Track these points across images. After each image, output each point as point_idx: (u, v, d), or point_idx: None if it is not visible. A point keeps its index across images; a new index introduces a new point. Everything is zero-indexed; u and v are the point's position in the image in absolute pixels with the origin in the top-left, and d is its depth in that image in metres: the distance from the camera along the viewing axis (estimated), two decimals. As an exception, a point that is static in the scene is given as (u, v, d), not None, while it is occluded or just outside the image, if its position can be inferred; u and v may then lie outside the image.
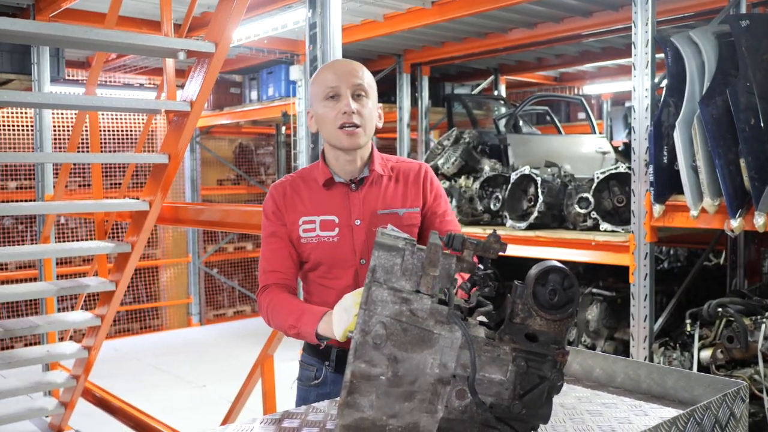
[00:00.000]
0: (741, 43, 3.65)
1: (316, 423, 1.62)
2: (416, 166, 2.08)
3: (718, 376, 1.72)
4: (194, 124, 3.30)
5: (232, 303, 9.44)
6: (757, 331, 3.80)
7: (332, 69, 1.97)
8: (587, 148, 6.58)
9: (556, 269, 1.42)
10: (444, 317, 1.35)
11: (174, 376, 6.42)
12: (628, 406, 1.75)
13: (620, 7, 5.39)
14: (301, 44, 6.45)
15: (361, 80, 1.95)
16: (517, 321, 1.41)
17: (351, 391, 1.31)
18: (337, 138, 1.94)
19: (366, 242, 1.97)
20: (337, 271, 1.98)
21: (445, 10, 5.23)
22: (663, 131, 3.86)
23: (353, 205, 1.99)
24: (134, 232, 3.74)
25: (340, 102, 1.92)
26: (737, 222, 3.55)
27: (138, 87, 8.01)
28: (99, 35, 2.79)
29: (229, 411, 3.81)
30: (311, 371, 2.07)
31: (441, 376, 1.33)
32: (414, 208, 2.01)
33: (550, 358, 1.38)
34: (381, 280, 1.35)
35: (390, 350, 1.31)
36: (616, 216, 4.54)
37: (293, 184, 2.05)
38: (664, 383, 1.82)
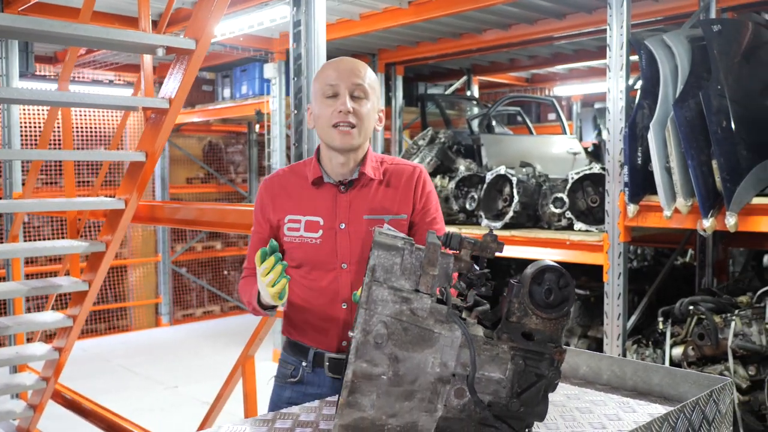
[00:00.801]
0: (713, 47, 3.72)
1: (308, 423, 1.62)
2: (410, 169, 2.04)
3: (702, 373, 1.75)
4: (173, 122, 3.26)
5: (200, 303, 9.35)
6: (727, 329, 3.89)
7: (334, 67, 1.95)
8: (558, 149, 6.66)
9: (551, 268, 1.43)
10: (443, 316, 1.36)
11: (145, 377, 6.34)
12: (616, 403, 1.77)
13: (594, 10, 5.46)
14: (275, 42, 6.41)
15: (362, 80, 1.93)
16: (513, 320, 1.42)
17: (352, 390, 1.31)
18: (331, 137, 1.92)
19: (349, 246, 1.95)
20: (318, 273, 1.96)
21: (422, 10, 5.25)
22: (637, 133, 3.92)
23: (340, 207, 1.96)
24: (109, 231, 3.68)
25: (338, 101, 1.91)
26: (709, 222, 3.63)
27: (107, 83, 7.89)
28: (78, 30, 2.74)
29: (208, 413, 3.77)
30: (288, 369, 2.07)
31: (441, 375, 1.34)
32: (401, 215, 1.98)
33: (547, 357, 1.39)
34: (381, 279, 1.35)
35: (391, 350, 1.31)
36: (590, 216, 4.60)
37: (283, 179, 2.05)
38: (650, 380, 1.85)
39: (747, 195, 3.57)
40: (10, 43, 4.80)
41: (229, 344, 7.53)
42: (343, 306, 1.96)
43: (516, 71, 8.39)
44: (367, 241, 1.94)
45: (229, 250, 9.64)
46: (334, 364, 1.98)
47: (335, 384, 1.99)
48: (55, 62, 7.24)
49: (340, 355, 1.98)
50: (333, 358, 1.98)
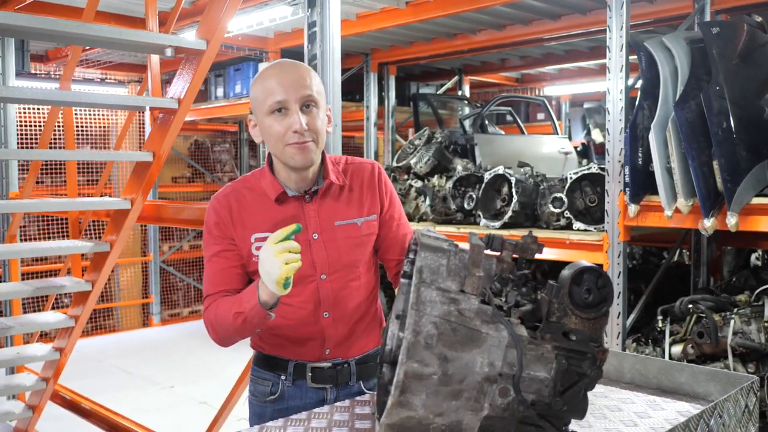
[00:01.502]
0: (712, 49, 3.78)
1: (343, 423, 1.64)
2: (368, 167, 1.96)
3: (728, 371, 1.79)
4: (181, 122, 3.26)
5: (187, 303, 9.31)
6: (726, 327, 3.95)
7: (277, 78, 1.77)
8: (550, 149, 6.72)
9: (590, 269, 1.46)
10: (489, 317, 1.38)
11: (140, 377, 6.31)
12: (643, 401, 1.81)
13: (588, 11, 5.51)
14: (270, 41, 6.41)
15: (310, 90, 1.78)
16: (553, 320, 1.45)
17: (403, 390, 1.32)
18: (288, 155, 1.79)
19: (326, 256, 1.87)
20: (297, 287, 1.82)
21: (419, 11, 5.27)
22: (638, 133, 3.97)
23: (309, 218, 1.87)
24: (113, 231, 3.66)
25: (289, 117, 1.76)
26: (710, 222, 3.69)
27: (99, 82, 7.83)
28: (91, 30, 2.73)
29: (216, 417, 3.73)
30: (266, 386, 1.97)
31: (488, 375, 1.36)
32: (371, 215, 1.92)
33: (589, 356, 1.42)
34: (428, 280, 1.37)
35: (440, 350, 1.33)
36: (588, 215, 4.65)
37: (238, 196, 1.89)
38: (675, 378, 1.89)
39: (747, 195, 3.63)
40: (7, 41, 4.75)
41: (223, 344, 7.51)
42: (325, 315, 1.90)
43: (507, 71, 8.45)
44: (343, 246, 1.89)
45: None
46: (317, 373, 1.92)
47: (319, 394, 1.94)
48: (46, 60, 7.18)
49: (323, 363, 1.93)
50: (316, 367, 1.92)
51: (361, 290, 1.94)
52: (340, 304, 1.91)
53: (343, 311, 1.91)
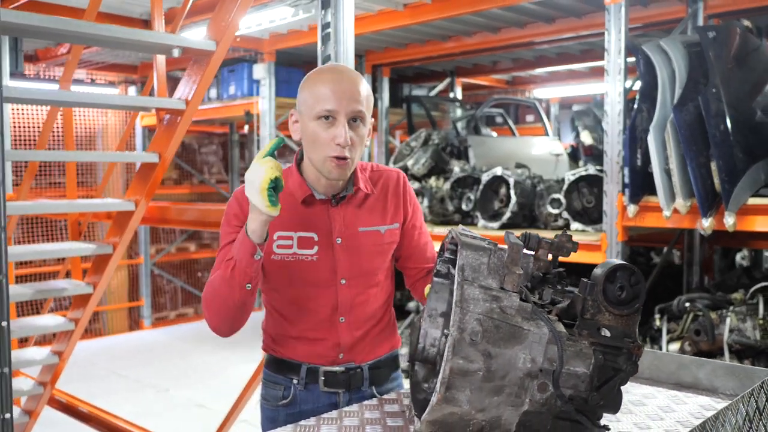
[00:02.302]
0: (709, 53, 3.85)
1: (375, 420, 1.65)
2: (394, 176, 1.97)
3: (748, 366, 1.84)
4: (188, 123, 3.26)
5: (174, 305, 9.27)
6: (723, 325, 4.03)
7: (331, 87, 1.75)
8: (541, 150, 6.79)
9: (623, 267, 1.50)
10: (528, 314, 1.41)
11: (134, 380, 6.27)
12: (665, 396, 1.85)
13: (583, 15, 5.57)
14: (265, 43, 6.40)
15: (361, 105, 1.76)
16: (587, 317, 1.48)
17: (449, 386, 1.35)
18: (326, 167, 1.77)
19: (348, 261, 1.86)
20: (315, 290, 1.85)
21: (417, 13, 5.30)
22: (637, 135, 4.03)
23: (334, 222, 1.86)
24: (116, 233, 3.65)
25: (335, 127, 1.74)
26: (708, 222, 3.75)
27: (89, 83, 7.78)
28: (101, 30, 2.73)
29: (224, 422, 3.72)
30: (278, 390, 1.95)
31: (530, 371, 1.39)
32: (395, 224, 1.93)
33: (625, 351, 1.45)
34: (470, 278, 1.40)
35: (484, 346, 1.36)
36: (585, 216, 4.71)
37: None
38: (694, 373, 1.93)
39: (744, 195, 3.70)
40: (2, 40, 4.71)
41: (217, 347, 7.48)
42: (341, 320, 1.89)
43: (498, 73, 8.51)
44: (365, 253, 1.89)
45: (203, 252, 9.58)
46: (329, 377, 1.91)
47: (331, 398, 1.93)
48: (36, 60, 7.12)
49: (336, 367, 1.92)
50: (328, 371, 1.91)
51: (378, 297, 1.95)
52: (356, 309, 1.91)
53: (358, 317, 1.91)
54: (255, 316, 1.86)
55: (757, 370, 1.81)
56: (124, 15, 5.55)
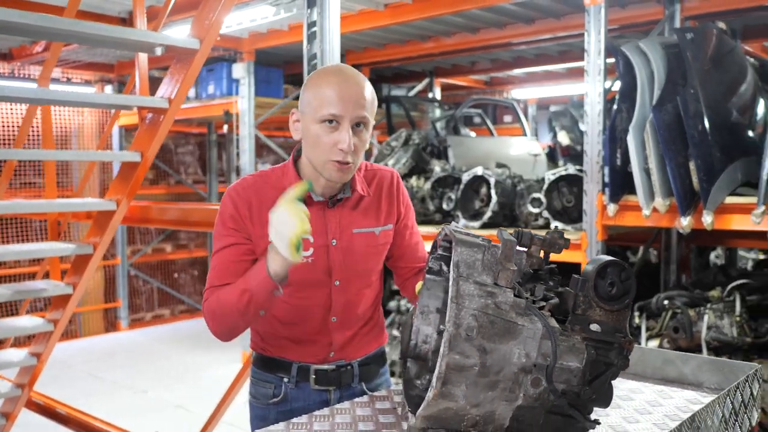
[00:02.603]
0: (687, 54, 3.91)
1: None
2: (388, 176, 1.97)
3: (732, 361, 1.87)
4: (171, 122, 3.24)
5: (150, 307, 9.18)
6: (701, 322, 4.09)
7: (337, 90, 1.72)
8: (520, 150, 6.83)
9: (614, 263, 1.52)
10: (522, 309, 1.43)
11: (111, 382, 6.20)
12: (651, 391, 1.88)
13: (562, 16, 5.62)
14: (245, 42, 6.37)
15: (365, 110, 1.75)
16: (578, 312, 1.50)
17: (445, 381, 1.36)
18: (327, 170, 1.76)
19: (343, 262, 1.87)
20: (309, 290, 1.86)
21: (398, 13, 5.31)
22: (616, 135, 4.08)
23: (330, 223, 1.86)
24: (97, 232, 3.62)
25: (339, 133, 1.72)
26: (687, 220, 3.81)
27: (65, 81, 7.68)
28: (85, 27, 2.70)
29: (206, 424, 3.69)
30: (268, 388, 1.96)
31: (524, 366, 1.40)
32: (388, 225, 1.93)
33: (616, 346, 1.47)
34: (464, 274, 1.41)
35: (480, 342, 1.37)
36: (565, 215, 4.75)
37: (259, 192, 1.83)
38: (679, 368, 1.96)
39: (721, 194, 3.77)
40: (-22, 39, 4.64)
41: (194, 348, 7.44)
42: (333, 320, 1.91)
43: (476, 74, 8.55)
44: (359, 254, 1.89)
45: (180, 252, 9.50)
46: (320, 375, 1.92)
47: (322, 396, 1.95)
48: (10, 59, 7.02)
49: (327, 365, 1.93)
50: (319, 369, 1.92)
51: (369, 297, 1.96)
52: (348, 309, 1.92)
53: (350, 316, 1.93)
54: None
55: (741, 365, 1.85)
56: (102, 13, 5.49)
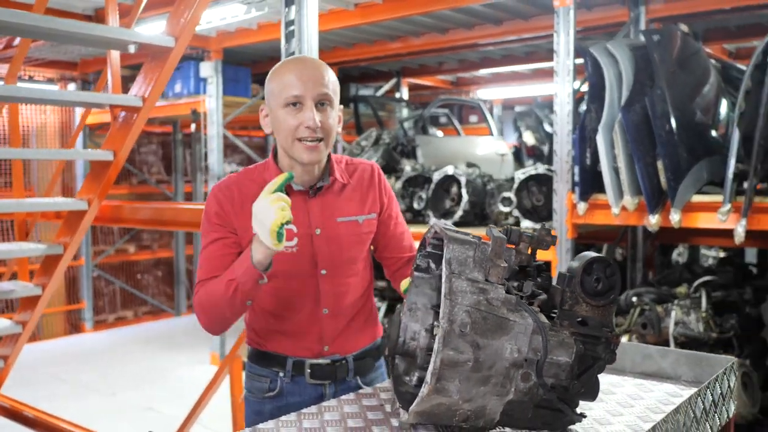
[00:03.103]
0: (654, 55, 3.99)
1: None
2: (369, 168, 2.01)
3: (710, 354, 1.93)
4: (144, 121, 3.21)
5: (113, 308, 9.03)
6: (668, 318, 4.18)
7: (296, 73, 1.79)
8: (487, 150, 6.90)
9: (599, 259, 1.56)
10: (513, 305, 1.45)
11: (78, 385, 6.10)
12: (631, 385, 1.92)
13: (530, 17, 5.69)
14: (212, 40, 6.32)
15: (327, 88, 1.80)
16: (566, 308, 1.54)
17: (440, 377, 1.37)
18: (297, 151, 1.80)
19: (327, 251, 1.89)
20: (296, 280, 1.89)
21: (368, 13, 5.32)
22: (586, 135, 4.15)
23: (312, 213, 1.89)
24: (67, 233, 3.57)
25: (303, 112, 1.78)
26: (655, 218, 3.89)
27: (27, 79, 7.51)
28: (58, 24, 2.66)
29: (181, 428, 3.65)
30: (264, 383, 1.98)
31: (515, 361, 1.43)
32: (372, 214, 1.96)
33: (603, 340, 1.51)
34: (457, 271, 1.43)
35: (473, 337, 1.39)
36: (535, 214, 4.82)
37: (241, 187, 1.88)
38: (658, 362, 2.01)
39: (688, 193, 3.85)
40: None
41: (162, 349, 7.35)
42: (324, 311, 1.93)
43: (443, 74, 8.60)
44: (344, 242, 1.92)
45: (143, 253, 9.37)
46: (315, 370, 1.95)
47: (317, 390, 1.97)
48: (-32, 57, 6.84)
49: (322, 359, 1.95)
50: (314, 364, 1.94)
51: (358, 287, 1.98)
52: (338, 299, 1.94)
53: (340, 307, 1.95)
54: (196, 319, 1.85)
55: (718, 358, 1.90)
56: (66, 10, 5.40)
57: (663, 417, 1.55)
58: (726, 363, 1.85)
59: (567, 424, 1.56)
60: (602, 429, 1.59)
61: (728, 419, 1.84)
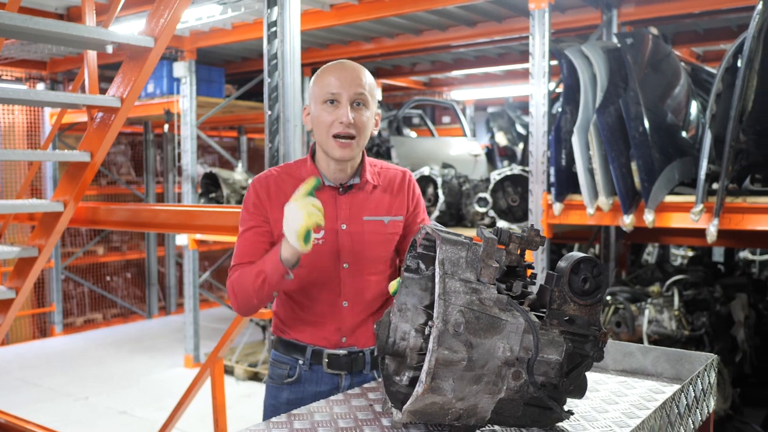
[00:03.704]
0: (628, 58, 4.06)
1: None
2: (401, 174, 2.11)
3: (690, 351, 1.97)
4: (122, 122, 3.16)
5: (82, 311, 8.89)
6: (642, 316, 4.25)
7: (335, 74, 1.94)
8: (460, 151, 6.95)
9: (587, 259, 1.58)
10: (504, 305, 1.47)
11: (49, 389, 6.00)
12: (614, 382, 1.96)
13: (503, 19, 5.75)
14: (186, 40, 6.27)
15: (363, 89, 1.93)
16: (554, 307, 1.56)
17: (435, 377, 1.39)
18: (330, 147, 1.94)
19: (351, 246, 1.99)
20: (320, 272, 1.98)
21: (343, 14, 5.33)
22: (562, 136, 4.20)
23: (340, 209, 1.99)
24: (42, 235, 3.50)
25: (339, 109, 1.91)
26: (629, 218, 3.96)
27: (-5, 79, 7.38)
28: (36, 23, 2.62)
29: (163, 428, 3.61)
30: (284, 369, 2.07)
31: (507, 359, 1.45)
32: (398, 216, 2.05)
33: (591, 338, 1.54)
34: (449, 272, 1.45)
35: (466, 337, 1.41)
36: (510, 214, 4.87)
37: (278, 179, 2.03)
38: (640, 360, 2.05)
39: (661, 193, 3.93)
40: None
41: (134, 352, 7.26)
42: (344, 304, 2.01)
43: (416, 75, 8.63)
44: (368, 240, 2.01)
45: (112, 255, 9.24)
46: (333, 360, 2.03)
47: (334, 380, 2.05)
48: (-65, 56, 6.70)
49: (339, 350, 2.03)
50: (332, 354, 2.03)
51: (379, 285, 2.05)
52: (359, 294, 2.02)
53: (360, 301, 2.03)
54: (171, 320, 1.89)
55: (697, 355, 1.95)
56: (38, 8, 5.33)
57: (650, 413, 1.59)
58: (706, 360, 1.89)
59: (555, 421, 1.59)
60: (589, 426, 1.62)
61: (708, 414, 1.89)
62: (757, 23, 3.56)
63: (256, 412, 5.27)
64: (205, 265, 9.62)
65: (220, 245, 9.34)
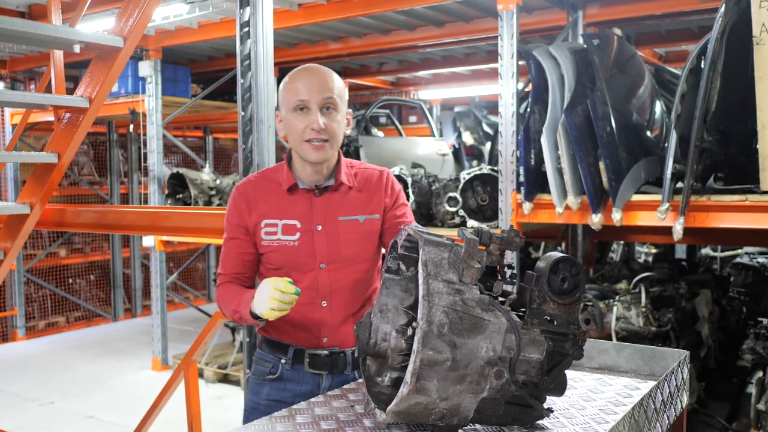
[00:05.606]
0: (595, 59, 4.12)
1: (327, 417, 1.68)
2: (377, 172, 2.13)
3: (663, 348, 2.01)
4: (91, 122, 3.12)
5: (44, 314, 8.72)
6: (610, 313, 4.32)
7: (303, 80, 1.97)
8: (428, 150, 6.98)
9: (565, 259, 1.61)
10: (486, 305, 1.49)
11: (14, 394, 5.87)
12: (590, 379, 1.99)
13: (471, 20, 5.79)
14: (151, 39, 6.19)
15: (331, 93, 1.97)
16: (534, 306, 1.59)
17: (419, 377, 1.40)
18: (304, 151, 1.98)
19: (327, 247, 2.02)
20: (297, 274, 2.00)
21: (312, 14, 5.31)
22: (531, 136, 4.25)
23: (315, 210, 2.03)
24: (8, 237, 3.44)
25: (309, 116, 1.95)
26: (598, 217, 4.02)
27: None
28: (3, 23, 2.57)
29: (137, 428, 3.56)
30: (266, 367, 2.11)
31: (490, 359, 1.47)
32: (374, 215, 2.07)
33: (571, 337, 1.56)
34: (433, 273, 1.46)
35: (450, 337, 1.42)
36: (479, 213, 4.91)
37: (256, 185, 2.08)
38: (614, 357, 2.09)
39: (628, 192, 3.99)
40: None
41: (101, 355, 7.15)
42: (323, 304, 2.03)
43: (384, 75, 8.65)
44: (344, 240, 2.03)
45: (75, 257, 9.08)
46: (314, 360, 2.05)
47: (315, 379, 2.07)
48: None
49: (320, 350, 2.05)
50: (313, 354, 2.05)
51: (359, 284, 2.07)
52: (337, 293, 2.03)
53: (340, 301, 2.04)
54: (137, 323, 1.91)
55: (671, 352, 1.99)
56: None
57: (628, 410, 1.62)
58: (679, 356, 1.93)
59: (536, 419, 1.61)
60: (568, 423, 1.64)
61: (682, 409, 1.93)
62: (720, 25, 3.64)
63: (227, 415, 5.23)
64: (170, 267, 9.51)
65: (185, 246, 9.24)
